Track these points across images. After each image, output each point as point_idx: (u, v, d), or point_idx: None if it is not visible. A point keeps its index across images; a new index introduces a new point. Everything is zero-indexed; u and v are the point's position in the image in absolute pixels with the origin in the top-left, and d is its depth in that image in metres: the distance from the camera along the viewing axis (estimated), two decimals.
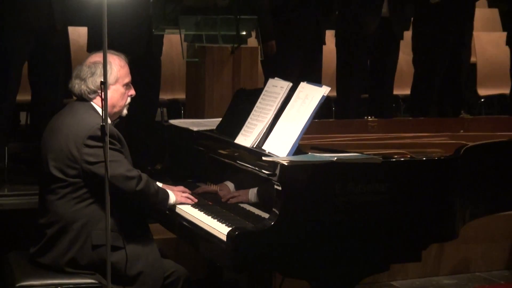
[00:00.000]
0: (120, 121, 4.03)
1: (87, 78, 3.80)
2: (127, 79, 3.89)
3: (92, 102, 3.81)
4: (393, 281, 5.46)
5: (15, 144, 6.00)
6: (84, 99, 3.82)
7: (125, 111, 3.95)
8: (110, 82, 3.72)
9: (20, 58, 5.35)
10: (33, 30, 5.29)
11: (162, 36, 5.84)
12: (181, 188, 4.03)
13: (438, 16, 6.43)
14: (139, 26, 5.53)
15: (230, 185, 4.07)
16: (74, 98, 3.92)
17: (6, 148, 5.55)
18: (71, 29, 6.21)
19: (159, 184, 3.97)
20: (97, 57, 3.82)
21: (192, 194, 4.00)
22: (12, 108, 5.53)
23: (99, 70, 3.77)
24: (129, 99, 3.93)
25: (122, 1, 4.44)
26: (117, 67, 3.85)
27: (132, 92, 3.94)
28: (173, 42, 6.30)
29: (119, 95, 3.86)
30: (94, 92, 3.80)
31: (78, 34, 6.23)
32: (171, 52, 6.43)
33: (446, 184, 3.69)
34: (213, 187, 4.14)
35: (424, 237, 3.65)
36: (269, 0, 5.98)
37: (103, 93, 3.31)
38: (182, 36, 5.46)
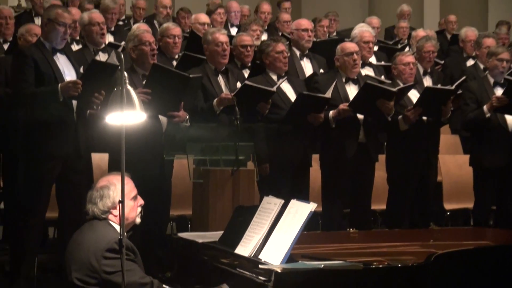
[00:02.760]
0: (134, 233, 4.00)
1: (97, 202, 3.78)
2: (133, 192, 3.86)
3: (108, 219, 3.79)
4: None
5: (43, 256, 5.94)
6: (99, 218, 3.79)
7: (138, 220, 3.90)
8: (117, 201, 3.71)
9: (49, 180, 5.36)
10: (61, 156, 5.33)
11: (173, 160, 5.87)
12: None
13: (408, 141, 6.49)
14: (153, 152, 5.56)
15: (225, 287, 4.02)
16: None
17: (36, 258, 5.50)
18: (94, 155, 6.25)
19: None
20: (104, 181, 3.82)
21: None
22: (42, 223, 5.51)
23: (106, 192, 3.76)
24: (139, 209, 3.90)
25: (138, 131, 4.49)
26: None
27: (141, 202, 3.91)
28: (182, 165, 6.33)
29: (129, 208, 3.83)
30: (106, 212, 3.77)
31: (100, 159, 6.26)
32: (180, 174, 6.44)
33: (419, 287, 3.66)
34: None
35: None
36: (264, 129, 6.05)
37: (116, 210, 3.32)
38: (190, 160, 5.49)
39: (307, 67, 7.24)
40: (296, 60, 7.14)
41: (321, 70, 7.23)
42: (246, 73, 6.65)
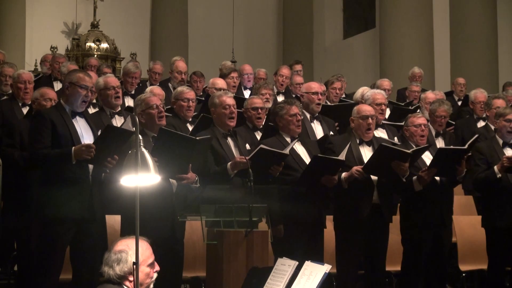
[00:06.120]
0: None
1: (114, 265, 3.74)
2: (151, 259, 3.84)
3: (123, 284, 3.75)
4: None
5: None
6: (113, 282, 3.75)
7: (151, 286, 3.87)
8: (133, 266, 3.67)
9: (64, 243, 5.34)
10: (75, 219, 5.32)
11: (185, 222, 5.85)
12: None
13: (421, 202, 6.45)
14: (164, 214, 5.56)
15: None
16: None
17: None
18: (107, 217, 6.23)
19: None
20: (122, 245, 3.78)
21: None
22: (56, 286, 5.46)
23: (124, 257, 3.73)
24: (155, 275, 3.87)
25: (150, 193, 4.50)
26: (140, 251, 3.80)
27: (157, 268, 3.88)
28: (195, 227, 6.31)
29: (144, 275, 3.80)
30: (122, 277, 3.73)
31: (114, 220, 6.25)
32: (193, 236, 6.42)
33: None
34: None
35: None
36: (278, 190, 6.03)
37: (132, 276, 3.28)
38: (203, 222, 5.47)
39: (318, 129, 7.26)
40: (306, 122, 7.17)
41: (331, 133, 7.24)
42: (258, 135, 6.67)
